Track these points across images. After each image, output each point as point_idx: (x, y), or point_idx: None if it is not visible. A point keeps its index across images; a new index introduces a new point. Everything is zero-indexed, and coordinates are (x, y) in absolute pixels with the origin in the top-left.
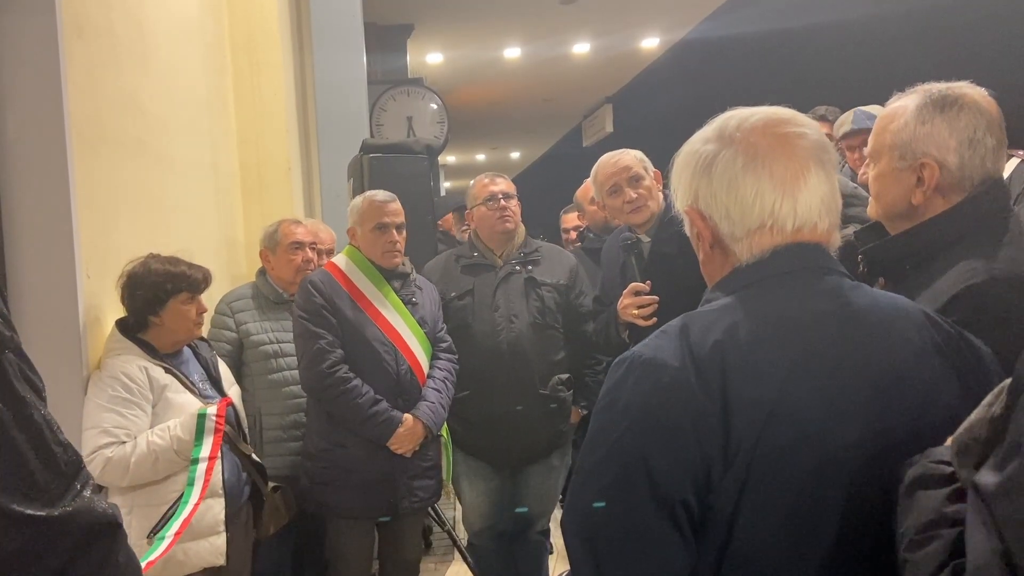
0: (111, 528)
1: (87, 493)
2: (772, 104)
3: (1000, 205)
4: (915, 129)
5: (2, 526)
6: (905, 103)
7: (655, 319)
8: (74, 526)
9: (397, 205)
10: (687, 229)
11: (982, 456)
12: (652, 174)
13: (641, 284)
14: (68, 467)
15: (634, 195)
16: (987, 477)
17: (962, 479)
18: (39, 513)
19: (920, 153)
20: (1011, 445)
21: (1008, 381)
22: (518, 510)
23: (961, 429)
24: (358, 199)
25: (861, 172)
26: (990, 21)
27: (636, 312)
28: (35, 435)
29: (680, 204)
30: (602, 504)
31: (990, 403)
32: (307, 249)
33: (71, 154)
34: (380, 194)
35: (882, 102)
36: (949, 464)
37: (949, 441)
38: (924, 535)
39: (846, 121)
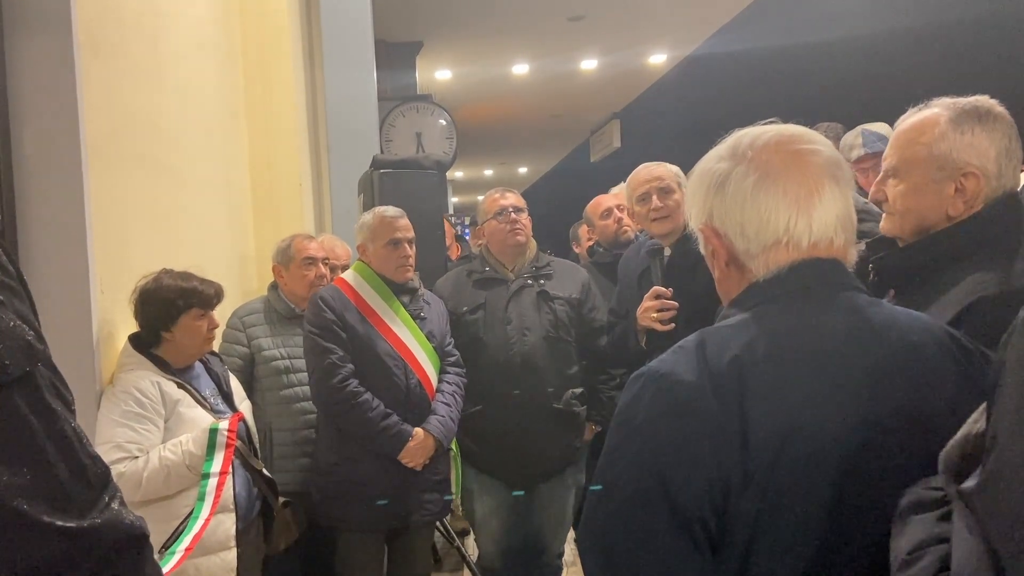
0: (138, 540)
1: (115, 505)
2: (779, 120)
3: (1014, 217)
4: (955, 140)
5: (33, 537)
6: (932, 116)
7: (673, 324)
8: (103, 538)
9: (407, 220)
10: (702, 247)
11: (965, 471)
12: (683, 191)
13: (663, 288)
14: (97, 479)
15: (660, 205)
16: (970, 482)
17: (949, 494)
18: (69, 524)
19: (962, 163)
20: (989, 440)
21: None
22: (515, 494)
23: (949, 445)
24: (368, 215)
25: (874, 189)
26: (993, 38)
27: (655, 316)
28: (66, 447)
29: (695, 222)
30: (619, 520)
31: (975, 419)
32: (320, 264)
33: (86, 170)
34: (390, 210)
35: (887, 117)
36: (941, 489)
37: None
38: (915, 554)
39: (856, 144)
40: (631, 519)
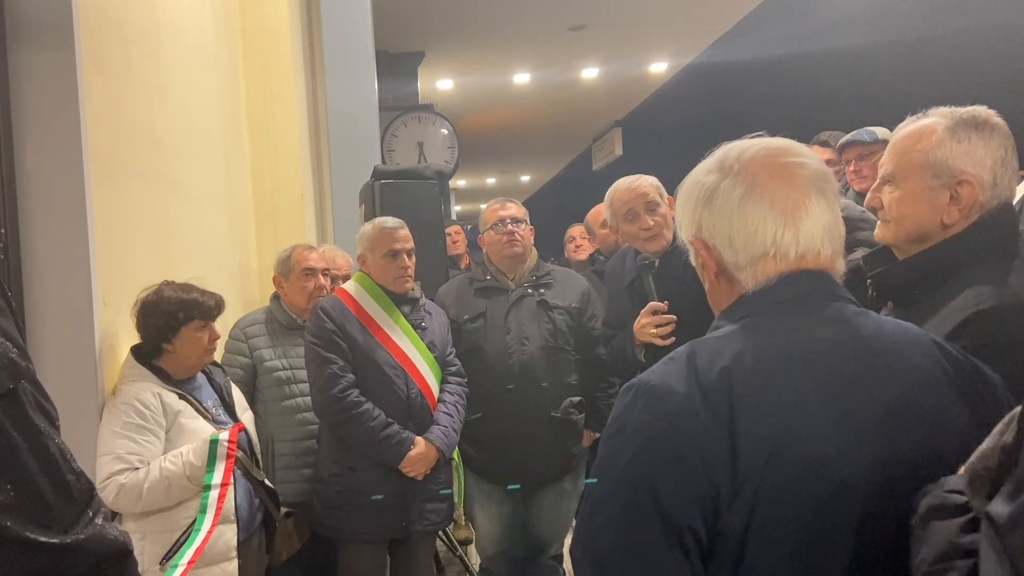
0: (122, 556)
1: (99, 521)
2: (776, 127)
3: (1010, 229)
4: (951, 148)
5: (17, 553)
6: (930, 124)
7: (673, 338)
8: (86, 553)
9: (406, 231)
10: (692, 259)
11: (994, 485)
12: (667, 201)
13: (659, 303)
14: (81, 495)
15: (651, 223)
16: (999, 508)
17: (975, 509)
18: (53, 540)
19: (957, 171)
20: (1022, 475)
21: (1019, 409)
22: (510, 488)
23: (973, 458)
24: (367, 226)
25: (870, 196)
26: (992, 49)
27: (654, 331)
28: (49, 464)
29: (684, 235)
30: (610, 530)
31: (1001, 431)
32: (320, 275)
33: (88, 183)
34: (389, 221)
35: (886, 126)
36: (963, 493)
37: (962, 470)
38: (939, 566)
39: (848, 136)
40: (622, 529)
